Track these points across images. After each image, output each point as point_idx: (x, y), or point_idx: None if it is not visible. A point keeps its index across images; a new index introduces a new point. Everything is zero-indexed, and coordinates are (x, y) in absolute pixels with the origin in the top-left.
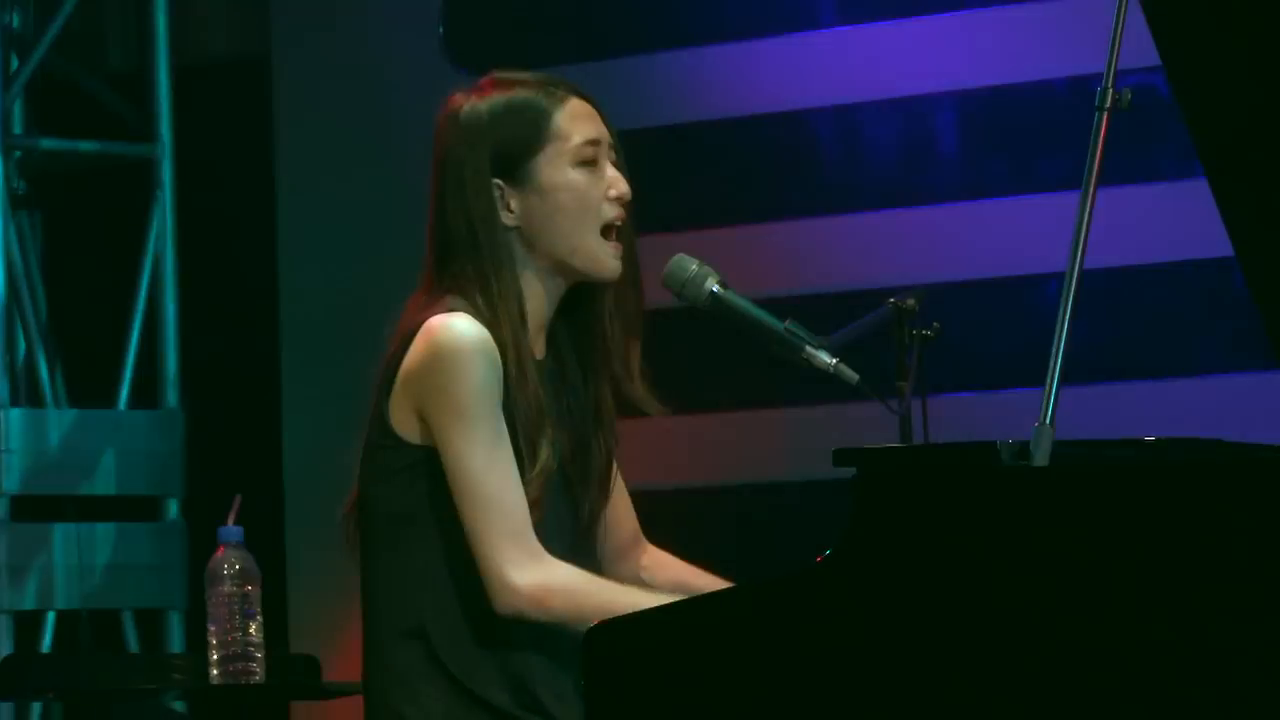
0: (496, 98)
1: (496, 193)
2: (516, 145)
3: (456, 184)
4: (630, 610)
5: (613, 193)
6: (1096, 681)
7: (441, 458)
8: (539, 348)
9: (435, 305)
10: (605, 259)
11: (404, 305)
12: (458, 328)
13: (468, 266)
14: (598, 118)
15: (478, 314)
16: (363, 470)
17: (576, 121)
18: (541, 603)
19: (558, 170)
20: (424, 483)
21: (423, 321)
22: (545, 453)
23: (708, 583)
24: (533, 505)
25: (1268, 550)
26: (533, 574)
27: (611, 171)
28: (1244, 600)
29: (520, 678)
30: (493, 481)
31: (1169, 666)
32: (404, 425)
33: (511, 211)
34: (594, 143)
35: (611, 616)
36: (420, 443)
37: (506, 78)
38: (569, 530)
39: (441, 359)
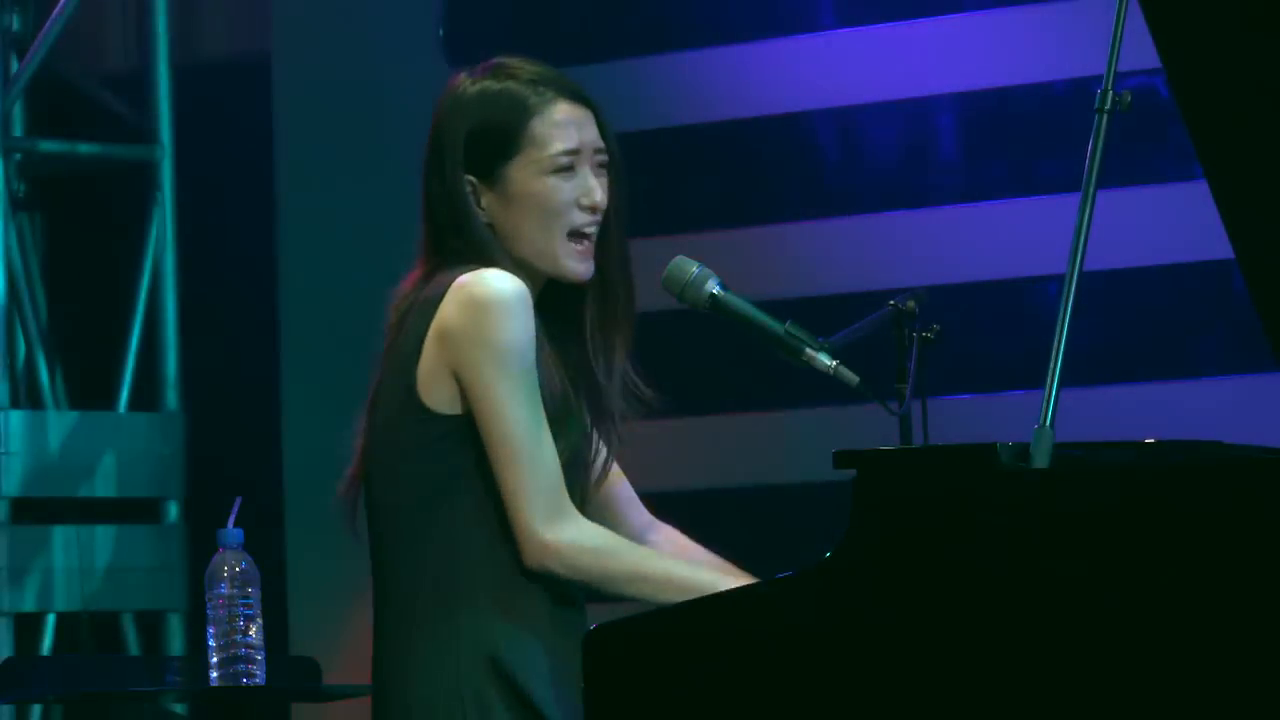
0: (485, 88)
1: (469, 188)
2: (490, 146)
3: (438, 170)
4: (657, 577)
5: (585, 201)
6: (1096, 683)
7: (478, 409)
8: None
9: (440, 277)
10: (569, 261)
11: (400, 285)
12: (498, 278)
13: (456, 253)
14: (586, 123)
15: None
16: (383, 449)
17: (556, 129)
18: (570, 560)
19: (529, 177)
20: (459, 453)
21: (442, 286)
22: (572, 431)
23: (715, 562)
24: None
25: (1267, 552)
26: (564, 531)
27: (589, 180)
28: (1243, 602)
29: (549, 659)
30: (531, 436)
31: (1168, 668)
32: (434, 393)
33: (483, 208)
34: (571, 152)
35: (633, 579)
36: (451, 412)
37: (505, 67)
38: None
39: (483, 307)
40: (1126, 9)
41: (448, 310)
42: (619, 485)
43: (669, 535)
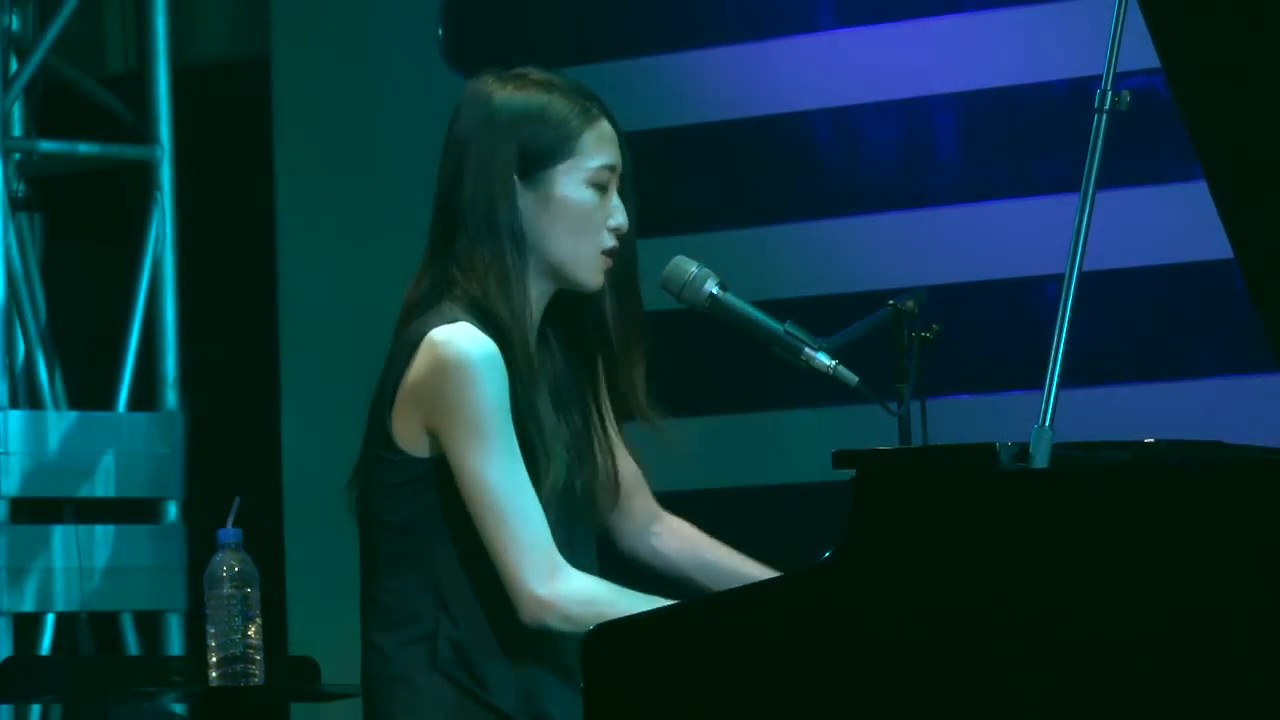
0: (534, 97)
1: (513, 188)
2: (541, 150)
3: (480, 166)
4: None
5: (612, 223)
6: (1096, 683)
7: (456, 473)
8: (533, 341)
9: (436, 311)
10: (594, 270)
11: (407, 291)
12: (464, 341)
13: (482, 250)
14: (618, 144)
15: (481, 317)
16: (363, 483)
17: (602, 144)
18: (566, 613)
19: (572, 185)
20: (429, 495)
21: (423, 332)
22: (557, 465)
23: (722, 555)
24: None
25: (1266, 552)
26: (556, 585)
27: (616, 201)
28: (1243, 602)
29: (528, 687)
30: (512, 495)
31: (1169, 668)
32: (409, 439)
33: (518, 209)
34: (611, 168)
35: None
36: (425, 456)
37: (545, 79)
38: (579, 536)
39: (450, 374)
40: (1126, 9)
41: (419, 367)
42: (629, 478)
43: (674, 527)
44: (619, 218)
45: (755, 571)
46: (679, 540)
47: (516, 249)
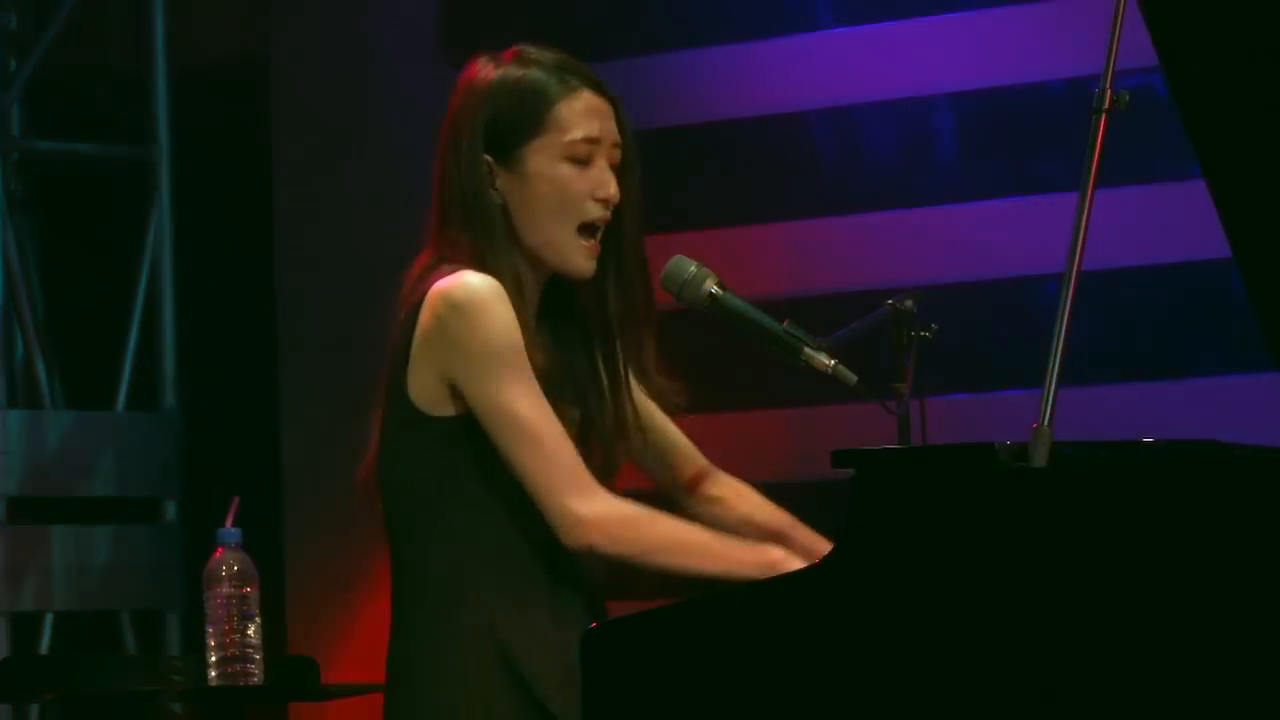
0: (509, 72)
1: (485, 168)
2: (511, 126)
3: (454, 151)
4: (696, 545)
5: (599, 193)
6: (1095, 682)
7: (480, 411)
8: (530, 320)
9: (435, 272)
10: (576, 256)
11: (407, 270)
12: (468, 279)
13: (463, 235)
14: (607, 115)
15: None
16: (384, 454)
17: (579, 116)
18: (609, 533)
19: (546, 161)
20: (455, 452)
21: (425, 292)
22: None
23: (770, 514)
24: None
25: (1265, 551)
26: (597, 505)
27: (603, 172)
28: (1242, 601)
29: (562, 653)
30: (541, 420)
31: (1168, 668)
32: (428, 397)
33: (496, 190)
34: (592, 140)
35: (673, 548)
36: (445, 414)
37: (528, 54)
38: None
39: (459, 310)
40: (1124, 8)
41: (426, 318)
42: (665, 434)
43: (731, 488)
44: (607, 189)
45: (811, 540)
46: (739, 507)
47: (491, 234)
